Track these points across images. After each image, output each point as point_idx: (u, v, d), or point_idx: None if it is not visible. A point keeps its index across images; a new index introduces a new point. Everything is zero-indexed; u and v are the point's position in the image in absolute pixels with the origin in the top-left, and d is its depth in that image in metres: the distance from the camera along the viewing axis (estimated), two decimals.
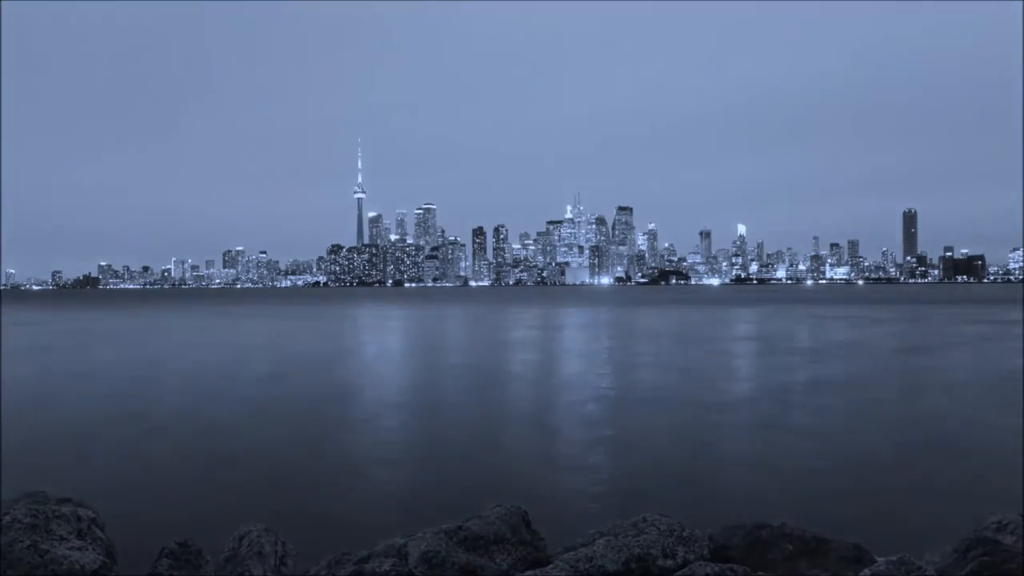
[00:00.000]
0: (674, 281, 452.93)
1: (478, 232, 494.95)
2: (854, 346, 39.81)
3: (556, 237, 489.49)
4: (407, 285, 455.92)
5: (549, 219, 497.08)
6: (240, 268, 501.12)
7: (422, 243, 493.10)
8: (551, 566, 6.22)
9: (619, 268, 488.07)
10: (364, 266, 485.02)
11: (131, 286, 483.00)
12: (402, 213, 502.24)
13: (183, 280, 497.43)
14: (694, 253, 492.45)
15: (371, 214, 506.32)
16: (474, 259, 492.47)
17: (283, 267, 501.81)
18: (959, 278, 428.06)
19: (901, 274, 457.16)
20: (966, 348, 39.37)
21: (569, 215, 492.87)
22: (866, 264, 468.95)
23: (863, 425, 17.81)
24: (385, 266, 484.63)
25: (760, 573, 6.13)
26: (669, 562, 6.24)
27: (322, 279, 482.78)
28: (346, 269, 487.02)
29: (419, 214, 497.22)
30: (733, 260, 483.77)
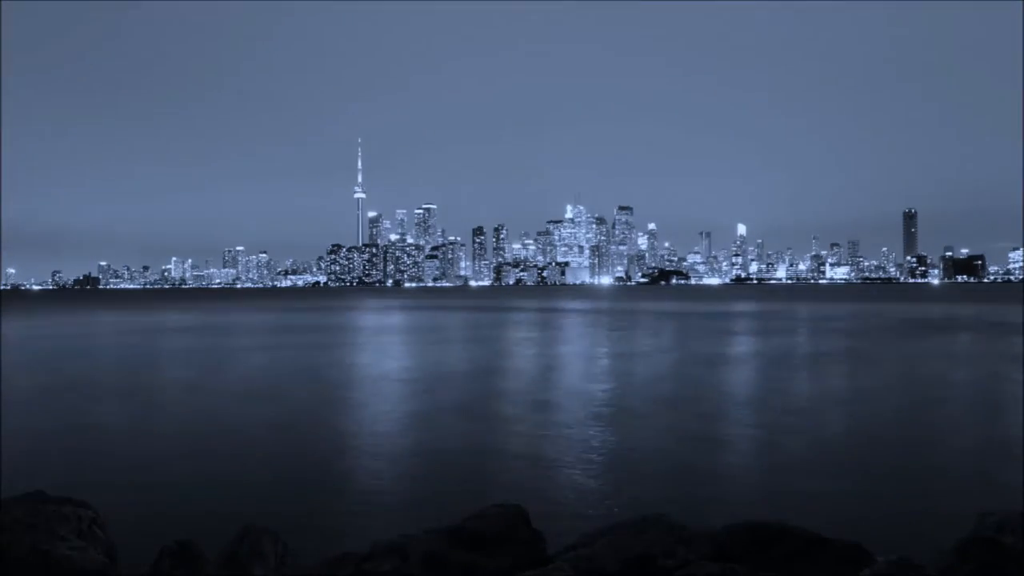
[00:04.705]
0: (674, 281, 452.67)
1: (478, 232, 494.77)
2: (853, 346, 39.80)
3: (556, 237, 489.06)
4: (407, 285, 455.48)
5: (549, 219, 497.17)
6: (240, 268, 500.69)
7: (422, 243, 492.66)
8: (551, 566, 6.22)
9: (619, 268, 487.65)
10: (364, 266, 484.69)
11: (131, 286, 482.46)
12: (402, 213, 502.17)
13: (183, 280, 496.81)
14: (694, 253, 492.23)
15: (371, 214, 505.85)
16: (474, 259, 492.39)
17: (283, 267, 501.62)
18: (959, 278, 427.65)
19: (901, 274, 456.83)
20: (965, 347, 39.38)
21: (569, 215, 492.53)
22: (866, 264, 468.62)
23: (863, 425, 17.81)
24: (385, 266, 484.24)
25: (760, 573, 6.13)
26: (670, 562, 6.25)
27: (322, 279, 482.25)
28: (346, 269, 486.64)
29: (419, 214, 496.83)
30: (733, 260, 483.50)
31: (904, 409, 20.26)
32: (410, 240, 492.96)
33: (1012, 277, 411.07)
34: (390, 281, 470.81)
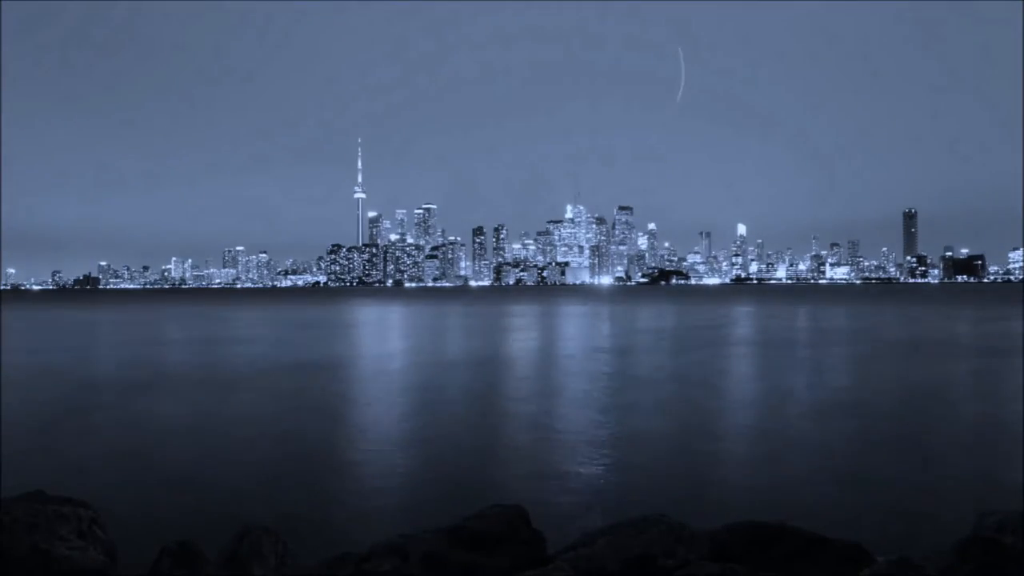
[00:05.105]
0: (674, 281, 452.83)
1: (478, 232, 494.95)
2: (852, 345, 39.80)
3: (556, 237, 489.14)
4: (407, 285, 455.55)
5: (549, 219, 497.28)
6: (240, 268, 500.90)
7: (422, 243, 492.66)
8: (551, 566, 6.22)
9: (619, 268, 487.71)
10: (364, 266, 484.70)
11: (131, 286, 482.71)
12: (402, 213, 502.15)
13: (183, 280, 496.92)
14: (694, 253, 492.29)
15: (371, 214, 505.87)
16: (474, 259, 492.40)
17: (283, 267, 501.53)
18: (959, 278, 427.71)
19: (901, 274, 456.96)
20: (964, 346, 39.37)
21: (569, 215, 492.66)
22: (866, 264, 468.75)
23: (863, 425, 17.80)
24: (385, 266, 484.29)
25: (760, 573, 6.12)
26: (670, 562, 6.25)
27: (322, 279, 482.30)
28: (346, 269, 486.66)
29: (419, 214, 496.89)
30: (733, 260, 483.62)
31: (904, 409, 20.25)
32: (410, 240, 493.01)
33: (1012, 277, 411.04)
34: (390, 281, 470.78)
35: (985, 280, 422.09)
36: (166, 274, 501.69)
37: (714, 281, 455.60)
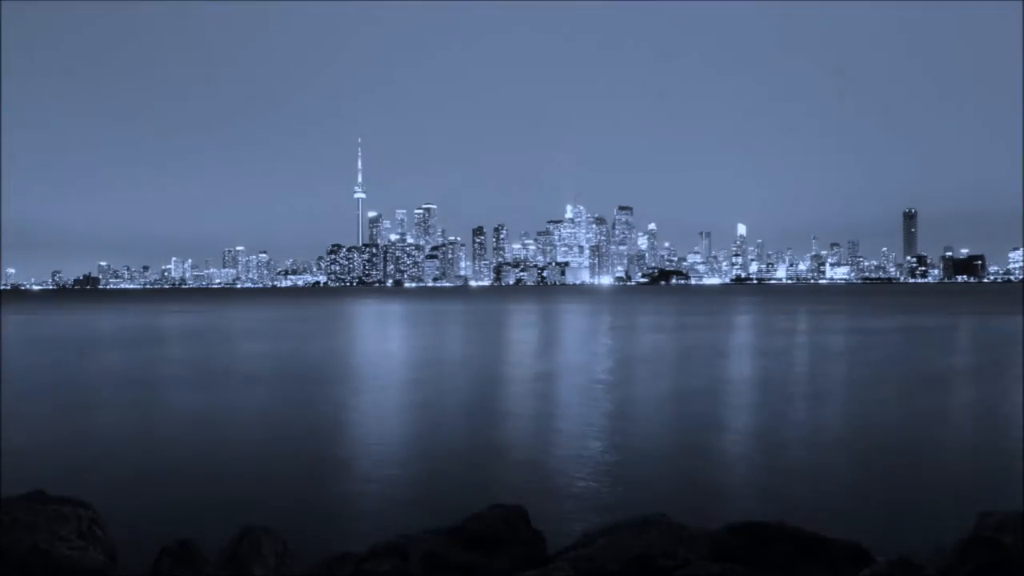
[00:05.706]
0: (674, 281, 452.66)
1: (478, 232, 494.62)
2: (852, 346, 39.79)
3: (556, 237, 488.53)
4: (407, 285, 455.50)
5: (549, 219, 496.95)
6: (240, 268, 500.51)
7: (422, 243, 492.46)
8: (551, 566, 6.22)
9: (619, 268, 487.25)
10: (364, 266, 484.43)
11: (131, 286, 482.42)
12: (402, 213, 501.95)
13: (183, 280, 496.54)
14: (694, 253, 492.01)
15: (371, 214, 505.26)
16: (474, 259, 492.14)
17: (283, 267, 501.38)
18: (959, 278, 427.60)
19: (901, 274, 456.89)
20: (963, 347, 39.37)
21: (569, 215, 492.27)
22: (866, 264, 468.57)
23: (863, 425, 17.80)
24: (385, 266, 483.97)
25: (760, 573, 6.12)
26: (670, 562, 6.25)
27: (322, 279, 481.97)
28: (346, 269, 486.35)
29: (419, 214, 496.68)
30: (733, 260, 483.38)
31: (904, 409, 20.25)
32: (410, 240, 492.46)
33: (1012, 277, 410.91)
34: (390, 281, 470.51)
35: (985, 280, 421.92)
36: (166, 274, 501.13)
37: (714, 281, 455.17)
